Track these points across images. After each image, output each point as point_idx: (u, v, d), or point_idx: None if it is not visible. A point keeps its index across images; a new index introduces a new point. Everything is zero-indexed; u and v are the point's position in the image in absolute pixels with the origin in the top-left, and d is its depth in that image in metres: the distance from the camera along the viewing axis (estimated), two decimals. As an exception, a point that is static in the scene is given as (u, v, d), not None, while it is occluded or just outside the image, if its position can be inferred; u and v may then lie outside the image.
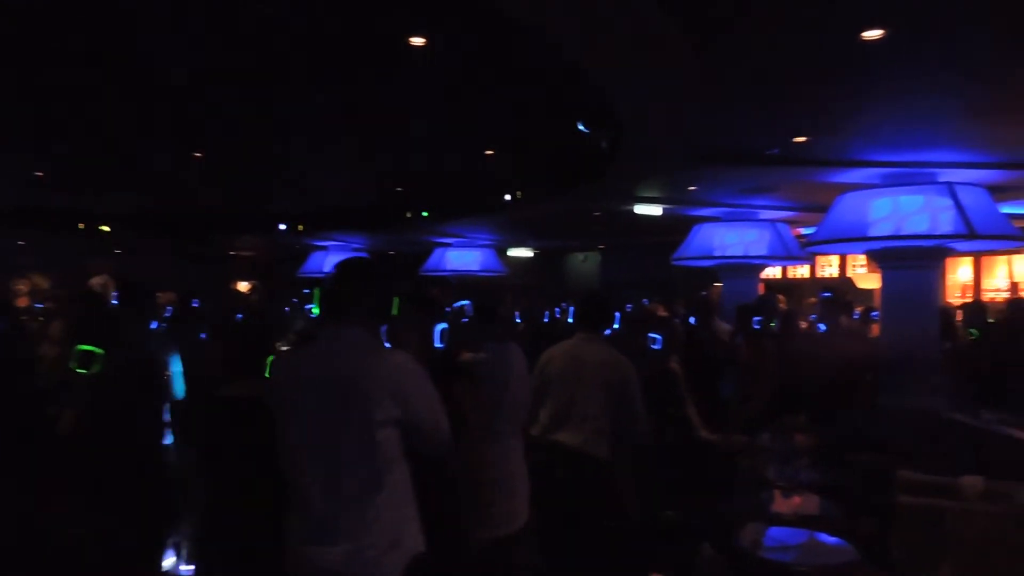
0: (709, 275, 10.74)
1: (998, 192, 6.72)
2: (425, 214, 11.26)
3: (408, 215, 11.32)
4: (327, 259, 16.07)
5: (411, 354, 2.31)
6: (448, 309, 3.32)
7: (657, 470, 5.07)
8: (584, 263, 18.75)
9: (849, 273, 14.56)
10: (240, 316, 7.28)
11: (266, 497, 2.61)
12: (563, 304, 10.39)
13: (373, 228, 13.22)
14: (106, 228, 13.38)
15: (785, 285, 15.18)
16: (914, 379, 6.42)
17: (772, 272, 16.29)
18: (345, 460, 2.13)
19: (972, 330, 7.52)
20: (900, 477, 4.78)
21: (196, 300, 6.45)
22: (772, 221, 9.14)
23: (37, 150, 8.24)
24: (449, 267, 14.28)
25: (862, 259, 13.02)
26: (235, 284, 16.72)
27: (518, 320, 8.30)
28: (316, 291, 2.51)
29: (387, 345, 2.50)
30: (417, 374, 2.23)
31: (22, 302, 5.56)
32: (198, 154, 8.03)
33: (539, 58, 4.18)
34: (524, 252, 17.47)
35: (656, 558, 3.72)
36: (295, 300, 9.46)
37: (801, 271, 16.17)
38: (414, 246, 15.66)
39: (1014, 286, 12.38)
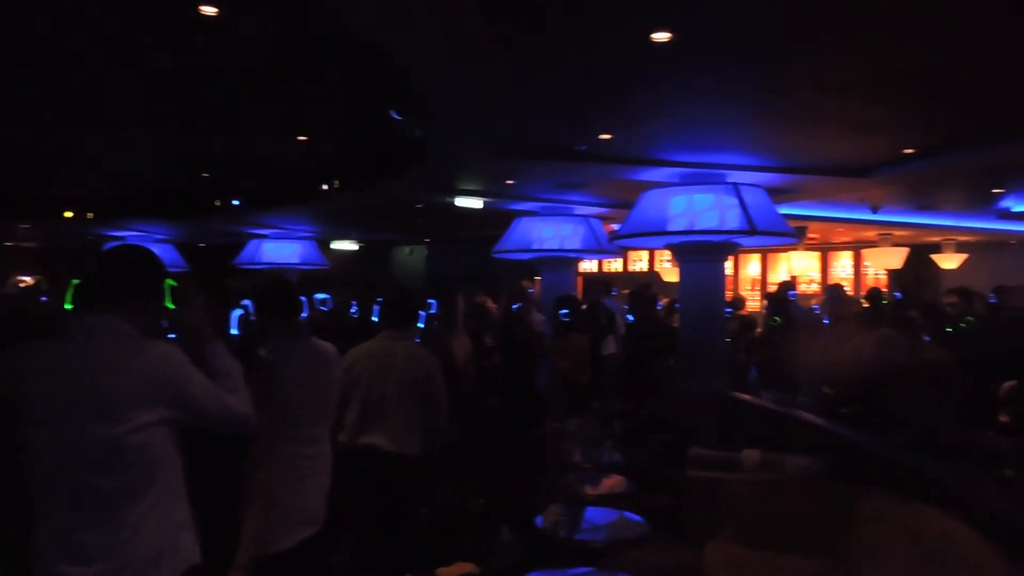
0: (532, 269, 11.05)
1: (775, 194, 7.47)
2: (236, 203, 10.58)
3: (217, 203, 10.58)
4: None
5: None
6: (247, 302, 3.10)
7: (470, 460, 5.11)
8: (410, 256, 18.62)
9: (656, 267, 15.62)
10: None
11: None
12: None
13: (177, 217, 12.22)
14: None
15: (601, 279, 16.01)
16: (706, 364, 6.97)
17: (589, 266, 17.12)
18: (94, 466, 1.89)
19: (775, 318, 8.31)
20: (691, 454, 5.17)
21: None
22: (586, 216, 9.55)
23: None
24: (265, 260, 13.54)
25: (668, 254, 14.01)
26: (14, 278, 14.83)
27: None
28: (73, 282, 2.22)
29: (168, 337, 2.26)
30: (184, 364, 2.02)
31: None
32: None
33: (344, 38, 4.02)
34: (348, 245, 17.00)
35: (463, 546, 3.73)
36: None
37: (615, 265, 17.13)
38: (227, 237, 14.70)
39: (793, 279, 13.91)
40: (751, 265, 16.36)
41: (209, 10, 3.86)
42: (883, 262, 12.38)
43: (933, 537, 3.00)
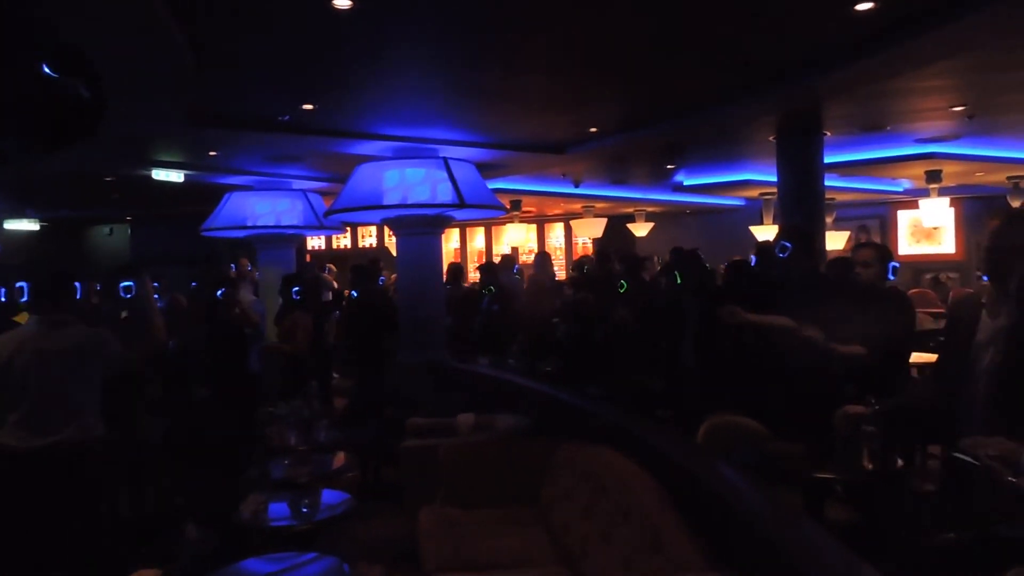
0: (251, 247, 10.39)
1: (485, 169, 7.82)
2: None
3: None
4: None
5: None
6: None
7: (176, 455, 4.69)
8: (111, 237, 16.52)
9: (386, 243, 15.64)
10: None
11: None
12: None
13: None
14: None
15: (330, 255, 15.63)
16: (424, 335, 7.13)
17: (317, 243, 16.61)
18: None
19: (488, 287, 8.65)
20: (409, 424, 5.26)
21: None
22: (304, 191, 9.19)
23: None
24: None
25: (395, 229, 14.08)
26: None
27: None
28: None
29: None
30: None
31: None
32: None
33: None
34: (25, 225, 14.57)
35: (142, 553, 3.40)
36: None
37: (344, 241, 16.83)
38: None
39: (514, 250, 14.82)
40: (477, 238, 17.12)
41: None
42: (588, 231, 13.65)
43: (604, 473, 3.37)
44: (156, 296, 5.40)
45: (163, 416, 5.00)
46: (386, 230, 15.31)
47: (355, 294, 7.64)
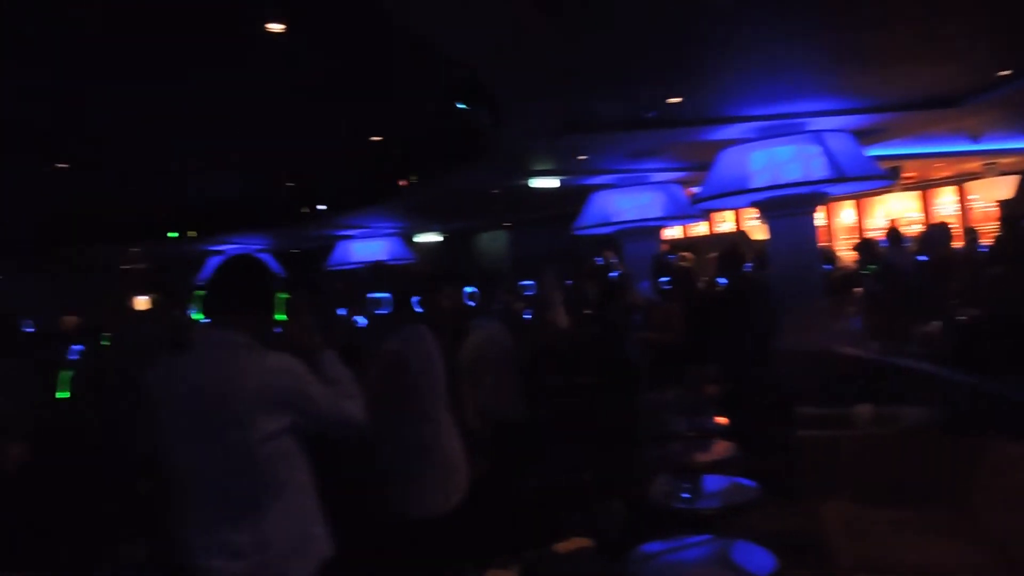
0: (614, 241, 10.97)
1: (862, 136, 7.10)
2: (322, 208, 10.99)
3: (305, 210, 11.01)
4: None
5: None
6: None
7: (567, 436, 5.16)
8: (493, 243, 18.81)
9: (743, 226, 15.15)
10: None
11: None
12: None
13: (268, 227, 12.80)
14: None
15: (687, 243, 15.68)
16: (804, 319, 6.74)
17: (674, 232, 16.80)
18: (233, 473, 2.02)
19: (869, 267, 7.95)
20: (800, 413, 5.04)
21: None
22: (663, 183, 9.38)
23: None
24: (355, 259, 14.02)
25: (755, 211, 13.61)
26: (131, 300, 15.91)
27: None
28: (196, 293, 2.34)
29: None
30: (304, 374, 2.12)
31: None
32: (63, 165, 7.54)
33: (406, 39, 4.10)
34: (432, 237, 17.34)
35: (573, 522, 3.78)
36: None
37: (700, 228, 16.72)
38: (315, 240, 15.28)
39: (892, 224, 13.20)
40: (845, 213, 15.60)
41: (276, 27, 4.02)
42: (991, 193, 11.58)
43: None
44: (550, 294, 6.01)
45: (553, 399, 5.52)
46: (742, 212, 14.84)
47: (723, 281, 7.56)
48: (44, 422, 3.62)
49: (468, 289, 4.95)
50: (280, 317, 2.23)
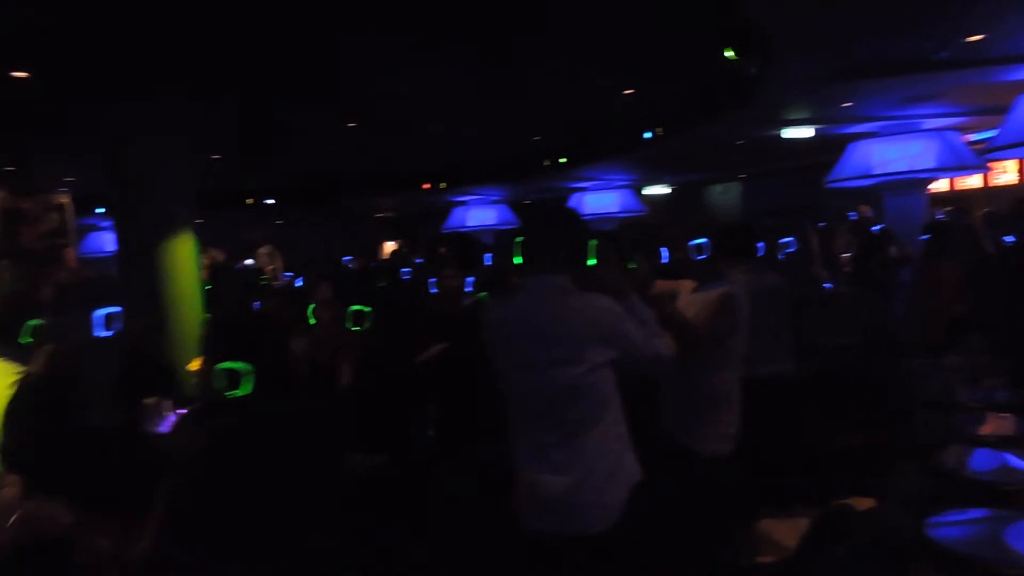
0: (857, 196, 10.14)
1: None
2: (563, 160, 11.29)
3: (546, 163, 11.39)
4: (468, 214, 16.56)
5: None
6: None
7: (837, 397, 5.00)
8: (724, 195, 18.15)
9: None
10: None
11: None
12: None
13: (512, 179, 13.43)
14: (271, 201, 14.40)
15: (954, 197, 13.97)
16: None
17: (938, 185, 15.03)
18: (562, 400, 2.26)
19: None
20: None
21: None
22: (939, 130, 8.45)
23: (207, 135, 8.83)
24: (588, 211, 14.30)
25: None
26: (382, 245, 17.65)
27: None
28: (516, 241, 2.59)
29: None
30: (622, 313, 2.31)
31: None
32: (352, 124, 8.47)
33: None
34: (661, 189, 17.16)
35: (850, 485, 3.70)
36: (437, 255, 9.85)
37: (971, 181, 14.82)
38: (548, 192, 15.77)
39: None
40: None
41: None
42: None
43: None
44: (812, 246, 5.79)
45: (820, 358, 5.34)
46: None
47: (1010, 239, 6.72)
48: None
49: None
50: (591, 262, 2.43)
